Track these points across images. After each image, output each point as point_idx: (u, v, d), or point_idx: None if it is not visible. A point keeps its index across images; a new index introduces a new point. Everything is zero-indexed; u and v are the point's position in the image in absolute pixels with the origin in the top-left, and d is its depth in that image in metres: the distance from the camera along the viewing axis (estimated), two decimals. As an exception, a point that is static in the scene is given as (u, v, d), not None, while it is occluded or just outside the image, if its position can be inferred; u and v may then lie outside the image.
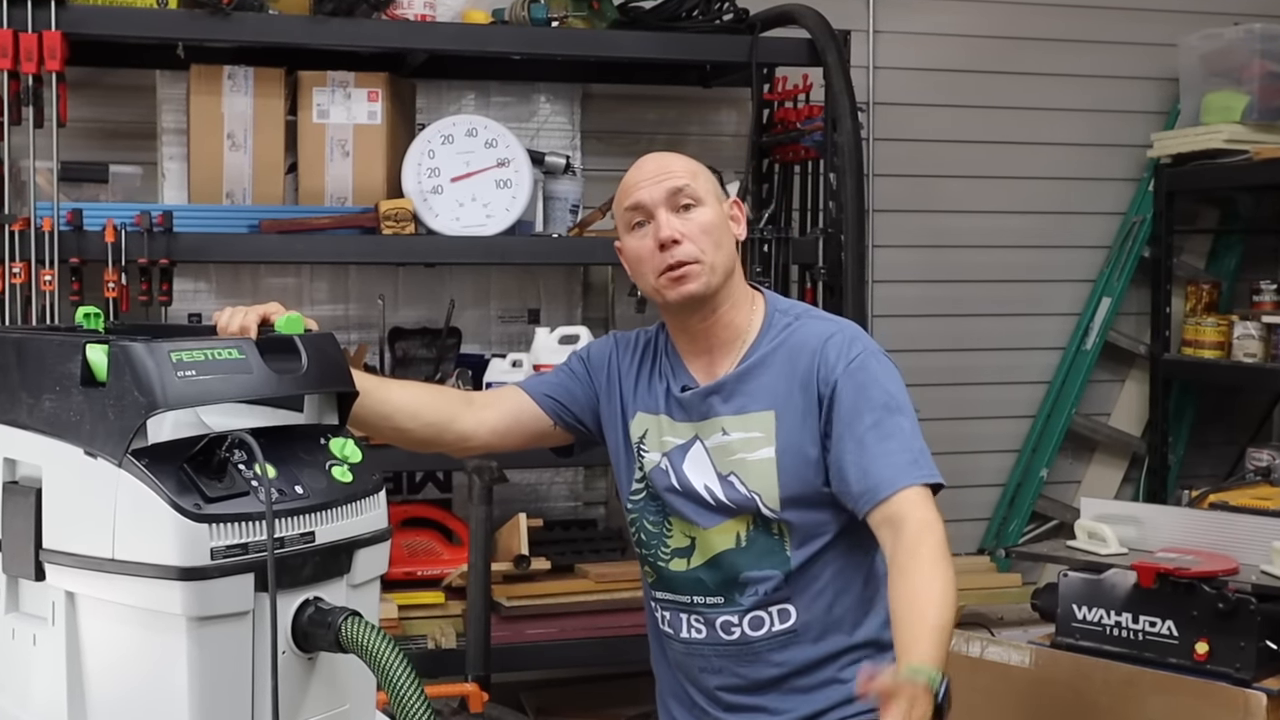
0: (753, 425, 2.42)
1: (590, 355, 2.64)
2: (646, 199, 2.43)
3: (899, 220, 4.90)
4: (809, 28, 4.14)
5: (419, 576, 4.04)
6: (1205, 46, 4.89)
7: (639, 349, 2.59)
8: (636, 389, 2.55)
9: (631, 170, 2.49)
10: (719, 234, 2.43)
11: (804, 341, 2.43)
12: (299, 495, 1.85)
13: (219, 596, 1.74)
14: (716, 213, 2.44)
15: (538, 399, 2.60)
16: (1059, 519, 5.10)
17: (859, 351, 2.39)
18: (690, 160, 2.50)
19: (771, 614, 2.43)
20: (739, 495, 2.43)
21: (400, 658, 1.79)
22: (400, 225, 3.87)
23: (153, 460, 1.75)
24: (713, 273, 2.41)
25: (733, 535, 2.44)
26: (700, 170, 2.48)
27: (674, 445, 2.49)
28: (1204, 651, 3.18)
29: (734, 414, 2.44)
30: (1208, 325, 4.89)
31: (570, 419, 2.61)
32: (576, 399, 2.60)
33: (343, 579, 1.91)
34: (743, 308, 2.49)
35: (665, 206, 2.41)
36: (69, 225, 3.67)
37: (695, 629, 2.49)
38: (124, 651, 1.80)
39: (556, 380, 2.63)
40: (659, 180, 2.43)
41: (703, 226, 2.41)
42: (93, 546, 1.78)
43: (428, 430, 2.53)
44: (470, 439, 2.58)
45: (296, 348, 1.96)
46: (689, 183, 2.43)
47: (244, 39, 3.84)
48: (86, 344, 1.81)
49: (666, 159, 2.49)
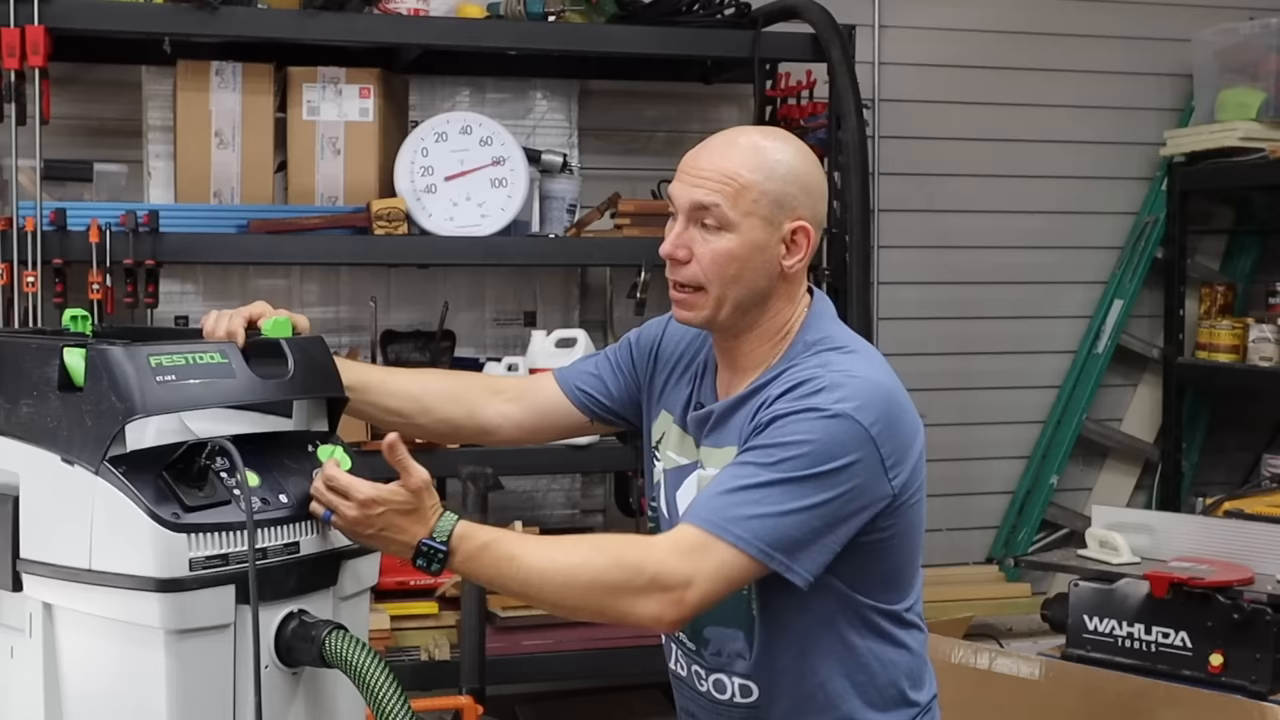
0: (724, 462, 2.15)
1: (640, 337, 2.42)
2: (676, 196, 2.17)
3: (905, 220, 4.89)
4: (813, 22, 4.13)
5: (412, 586, 4.02)
6: (1220, 42, 4.87)
7: (686, 343, 2.35)
8: (668, 384, 2.34)
9: (700, 144, 2.19)
10: (739, 267, 2.12)
11: (785, 379, 2.12)
12: (283, 504, 1.85)
13: (198, 609, 1.74)
14: (747, 242, 2.12)
15: (569, 391, 2.42)
16: (1070, 527, 5.09)
17: (804, 407, 2.04)
18: (761, 164, 2.13)
19: (733, 683, 2.21)
20: None
21: (386, 673, 1.78)
22: (393, 225, 3.86)
23: (131, 468, 1.74)
24: (718, 306, 2.14)
25: None
26: (758, 185, 2.12)
27: (677, 465, 2.29)
28: (1219, 663, 3.17)
29: (713, 447, 2.22)
30: (1222, 328, 4.88)
31: (605, 413, 2.42)
32: (610, 392, 2.41)
33: (329, 591, 1.90)
34: (771, 338, 2.20)
35: (686, 215, 2.15)
36: (52, 225, 3.65)
37: (680, 664, 2.32)
38: (102, 665, 1.79)
39: (594, 370, 2.43)
40: (696, 183, 2.14)
41: (716, 255, 2.12)
42: (70, 556, 1.77)
43: (442, 425, 2.42)
44: (492, 434, 2.43)
45: (283, 351, 1.95)
46: (720, 203, 2.11)
47: (232, 34, 3.83)
48: (64, 347, 1.80)
49: (727, 153, 2.14)
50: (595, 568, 2.00)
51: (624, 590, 1.99)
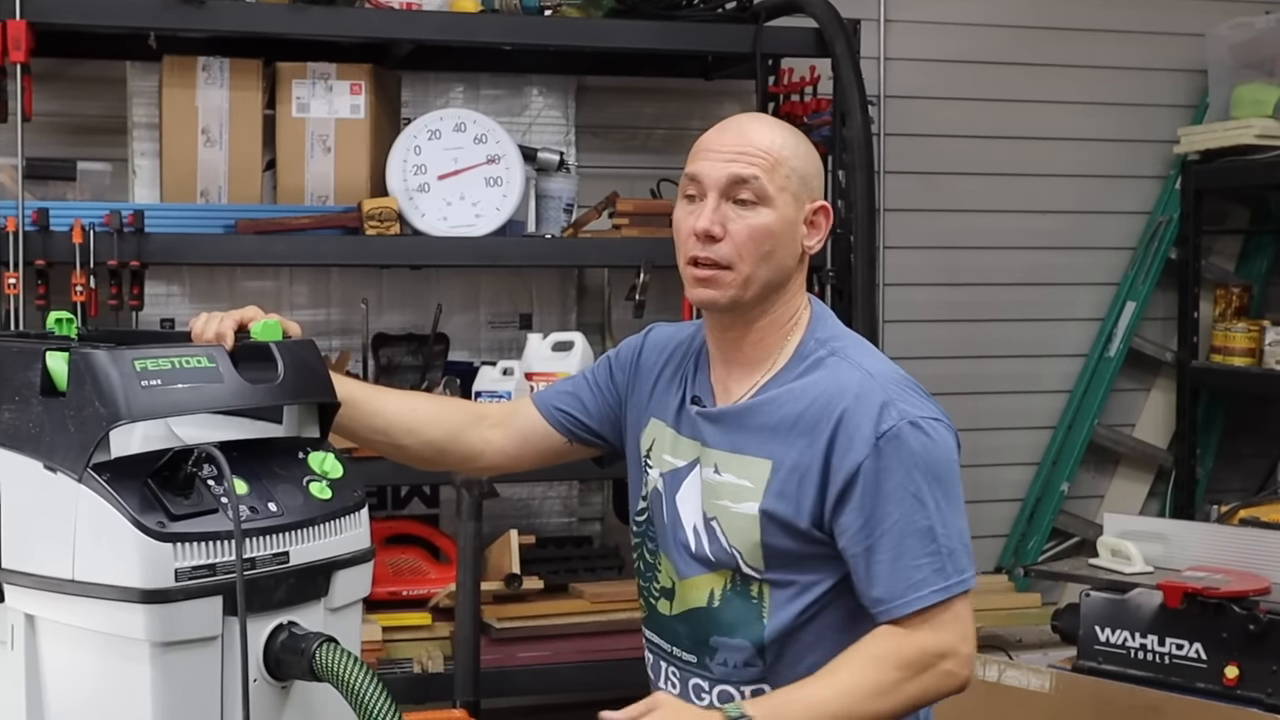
0: (745, 471, 2.19)
1: (618, 355, 2.45)
2: (705, 174, 2.18)
3: (911, 220, 4.89)
4: (816, 16, 4.13)
5: (404, 596, 4.03)
6: (1235, 36, 4.88)
7: (672, 347, 2.38)
8: (654, 391, 2.36)
9: (714, 129, 2.24)
10: (773, 243, 2.17)
11: (827, 391, 2.15)
12: (272, 513, 1.84)
13: (184, 621, 1.73)
14: (782, 217, 2.17)
15: (546, 413, 2.44)
16: (1081, 535, 5.09)
17: (894, 423, 2.11)
18: (786, 141, 2.20)
19: (743, 692, 2.21)
20: (719, 548, 2.22)
21: (378, 688, 1.78)
22: (384, 225, 3.86)
23: (115, 475, 1.73)
24: (746, 286, 2.17)
25: (706, 592, 2.24)
26: (788, 160, 2.18)
27: (673, 467, 2.29)
28: (1234, 676, 3.17)
29: (729, 451, 2.22)
30: (1238, 331, 4.88)
31: (585, 434, 2.44)
32: (590, 411, 2.43)
33: (320, 602, 1.90)
34: (782, 327, 2.24)
35: (720, 192, 2.16)
36: (34, 225, 3.65)
37: (670, 683, 2.31)
38: (85, 678, 1.78)
39: (572, 390, 2.46)
40: (730, 158, 2.16)
41: (753, 231, 2.15)
42: (52, 566, 1.77)
43: (427, 449, 2.41)
44: (475, 460, 2.46)
45: (272, 355, 1.94)
46: (759, 176, 2.15)
47: (219, 28, 3.83)
48: (46, 351, 1.80)
49: (754, 130, 2.20)
50: (889, 682, 2.07)
51: (926, 691, 2.12)
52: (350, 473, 1.97)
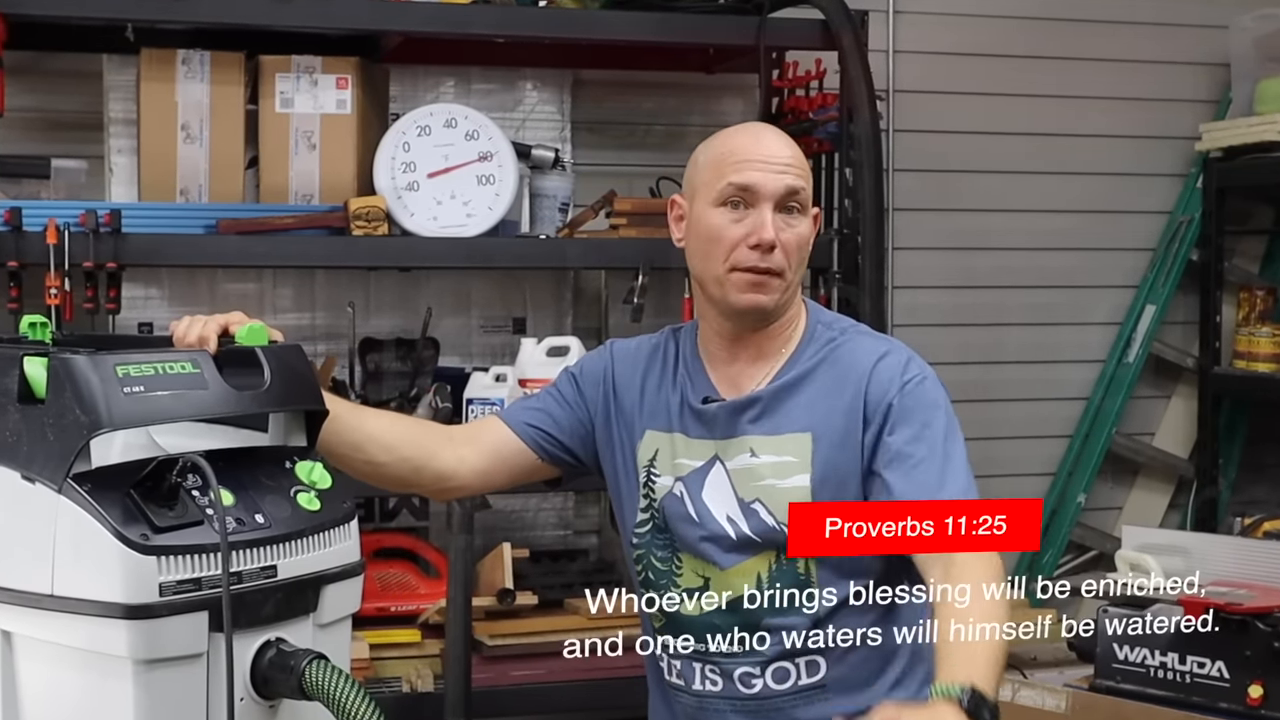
0: (786, 448, 2.38)
1: (583, 371, 2.57)
2: (760, 185, 2.35)
3: (921, 219, 4.90)
4: (822, 8, 4.14)
5: (393, 612, 4.03)
6: (1260, 29, 4.89)
7: (644, 358, 2.53)
8: (644, 404, 2.49)
9: (741, 136, 2.42)
10: (806, 250, 2.41)
11: (851, 360, 2.40)
12: (259, 525, 1.85)
13: (169, 637, 1.74)
14: (814, 225, 2.42)
15: (517, 429, 2.53)
16: (1098, 549, 5.10)
17: (915, 374, 2.37)
18: (799, 153, 2.43)
19: (799, 665, 2.38)
20: (764, 526, 2.37)
21: (370, 707, 1.79)
22: (372, 225, 3.87)
23: (96, 486, 1.74)
24: (787, 290, 2.39)
25: (753, 575, 2.38)
26: (808, 171, 2.43)
27: (691, 469, 2.42)
28: (1258, 695, 3.18)
29: (766, 434, 2.39)
30: (1262, 335, 4.89)
31: (556, 450, 2.54)
32: (562, 427, 2.53)
33: (309, 618, 1.90)
34: (792, 323, 2.46)
35: (775, 204, 2.35)
36: (7, 225, 3.66)
37: (710, 680, 2.42)
38: (65, 697, 1.79)
39: (540, 405, 2.56)
40: (780, 170, 2.36)
41: (799, 240, 2.38)
42: (31, 581, 1.77)
43: (403, 466, 2.47)
44: (449, 479, 2.52)
45: (258, 361, 1.95)
46: (805, 187, 2.38)
47: (200, 20, 3.84)
48: (24, 356, 1.80)
49: (782, 143, 2.41)
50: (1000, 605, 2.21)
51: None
52: (339, 483, 1.98)
